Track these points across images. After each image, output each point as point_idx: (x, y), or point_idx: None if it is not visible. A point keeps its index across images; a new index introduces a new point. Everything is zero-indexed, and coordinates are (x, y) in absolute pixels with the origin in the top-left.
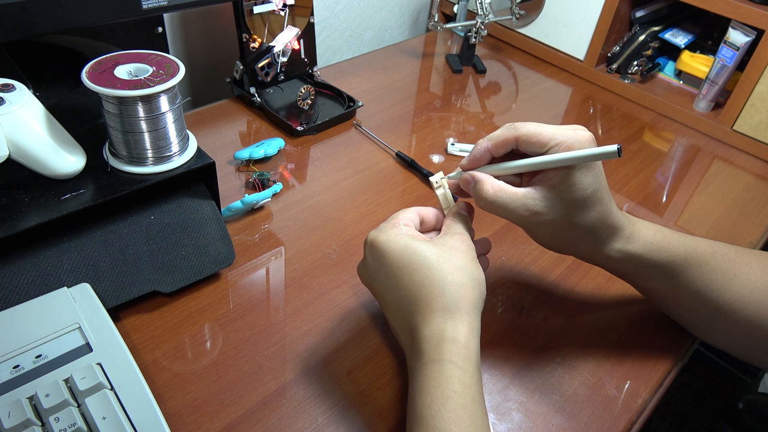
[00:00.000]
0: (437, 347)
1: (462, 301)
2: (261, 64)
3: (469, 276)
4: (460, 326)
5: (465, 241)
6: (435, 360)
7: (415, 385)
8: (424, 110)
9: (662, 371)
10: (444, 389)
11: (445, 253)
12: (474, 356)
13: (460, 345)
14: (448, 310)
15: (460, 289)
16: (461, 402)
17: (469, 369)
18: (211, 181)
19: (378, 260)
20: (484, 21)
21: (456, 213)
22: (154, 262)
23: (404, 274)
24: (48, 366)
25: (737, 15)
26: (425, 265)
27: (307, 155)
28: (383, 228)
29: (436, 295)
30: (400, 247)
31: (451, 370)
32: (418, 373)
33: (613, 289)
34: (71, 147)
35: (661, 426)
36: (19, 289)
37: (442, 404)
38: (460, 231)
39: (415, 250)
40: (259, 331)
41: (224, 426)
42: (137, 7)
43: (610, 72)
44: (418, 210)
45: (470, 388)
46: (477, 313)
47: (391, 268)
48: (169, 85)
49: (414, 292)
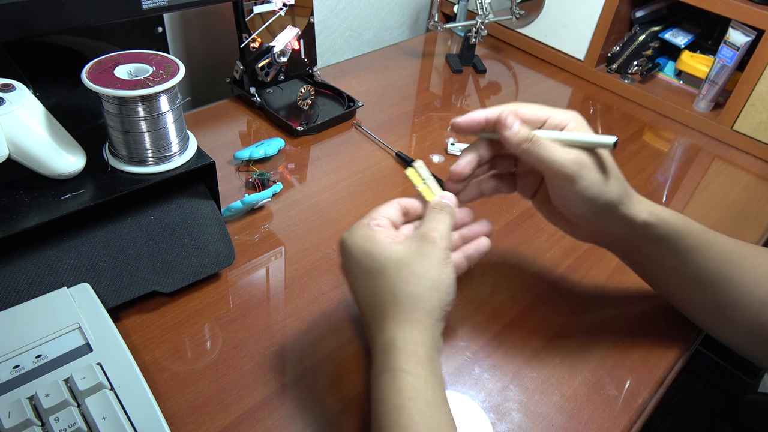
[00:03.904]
0: (389, 356)
1: (413, 311)
2: (261, 64)
3: (427, 283)
4: (410, 335)
5: (432, 241)
6: (387, 369)
7: (373, 395)
8: (424, 110)
9: (662, 371)
10: (398, 397)
11: (405, 259)
12: (426, 362)
13: (409, 353)
14: (399, 319)
15: (413, 298)
16: (416, 408)
17: (421, 375)
18: (211, 181)
19: (347, 263)
20: (484, 21)
21: (436, 205)
22: (154, 262)
23: (366, 280)
24: (48, 366)
25: (737, 15)
26: (383, 273)
27: (307, 155)
28: (353, 228)
29: (389, 303)
30: (363, 252)
31: (403, 378)
32: (375, 383)
33: (614, 289)
34: (71, 147)
35: (661, 426)
36: (19, 289)
37: (398, 413)
38: (430, 230)
39: (375, 256)
40: (259, 331)
41: (224, 426)
42: (137, 7)
43: (610, 72)
44: (400, 202)
45: (424, 393)
46: (431, 319)
47: (356, 272)
48: (169, 85)
49: (373, 299)
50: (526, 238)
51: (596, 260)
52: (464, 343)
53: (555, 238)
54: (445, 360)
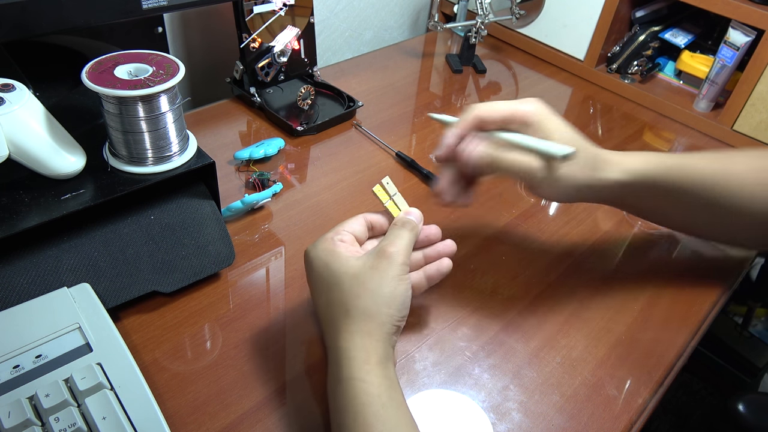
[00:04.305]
0: (342, 365)
1: (364, 324)
2: (261, 64)
3: (379, 299)
4: (360, 344)
5: (389, 257)
6: (341, 379)
7: (330, 405)
8: (424, 110)
9: (662, 371)
10: (353, 404)
11: (360, 274)
12: (379, 369)
13: (361, 361)
14: (351, 331)
15: (363, 312)
16: (371, 411)
17: (374, 381)
18: (211, 181)
19: (309, 274)
20: (484, 21)
21: (398, 221)
22: (154, 262)
23: (323, 292)
24: (48, 366)
25: (737, 15)
26: (338, 286)
27: (307, 155)
28: (317, 241)
29: (342, 316)
30: (323, 265)
31: (356, 387)
32: (331, 393)
33: (613, 289)
34: (71, 147)
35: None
36: (19, 289)
37: (353, 419)
38: (387, 245)
39: (333, 270)
40: (259, 331)
41: (224, 426)
42: (137, 7)
43: (610, 72)
44: (366, 217)
45: (378, 397)
46: (381, 333)
47: (315, 284)
48: (169, 85)
49: (329, 310)
50: (525, 238)
51: (596, 260)
52: (464, 343)
53: (555, 238)
54: (445, 360)
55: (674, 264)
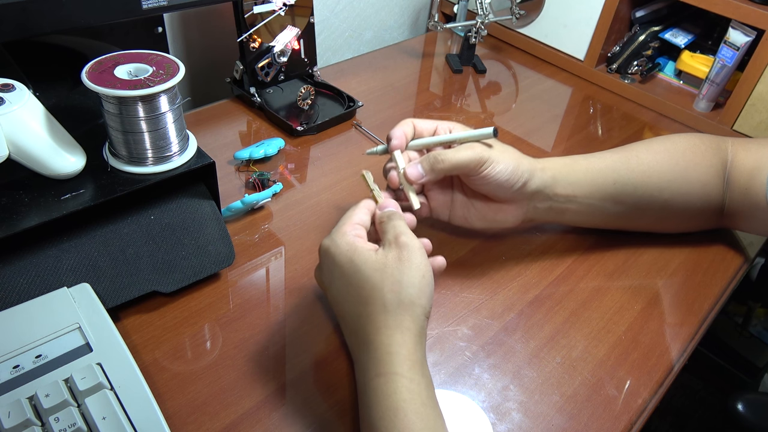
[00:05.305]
0: (383, 361)
1: (403, 317)
2: (261, 64)
3: (413, 290)
4: (402, 340)
5: (407, 248)
6: (381, 373)
7: (365, 400)
8: (424, 110)
9: (662, 371)
10: (393, 400)
11: (389, 268)
12: (419, 365)
13: (404, 357)
14: (390, 327)
15: (399, 306)
16: (412, 408)
17: (415, 378)
18: (211, 181)
19: (331, 271)
20: (484, 21)
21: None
22: (154, 262)
23: (352, 289)
24: (48, 366)
25: (737, 15)
26: (369, 282)
27: (307, 155)
28: (333, 235)
29: (379, 312)
30: (347, 261)
31: (397, 381)
32: (367, 388)
33: (613, 289)
34: (71, 147)
35: (661, 426)
36: (19, 289)
37: (394, 414)
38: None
39: (358, 266)
40: (259, 331)
41: (224, 426)
42: (137, 7)
43: (610, 72)
44: (368, 206)
45: (418, 395)
46: (417, 326)
47: (341, 281)
48: (169, 85)
49: (361, 307)
50: (525, 238)
51: (596, 260)
52: (464, 343)
53: (554, 238)
54: (445, 360)
55: (674, 264)
